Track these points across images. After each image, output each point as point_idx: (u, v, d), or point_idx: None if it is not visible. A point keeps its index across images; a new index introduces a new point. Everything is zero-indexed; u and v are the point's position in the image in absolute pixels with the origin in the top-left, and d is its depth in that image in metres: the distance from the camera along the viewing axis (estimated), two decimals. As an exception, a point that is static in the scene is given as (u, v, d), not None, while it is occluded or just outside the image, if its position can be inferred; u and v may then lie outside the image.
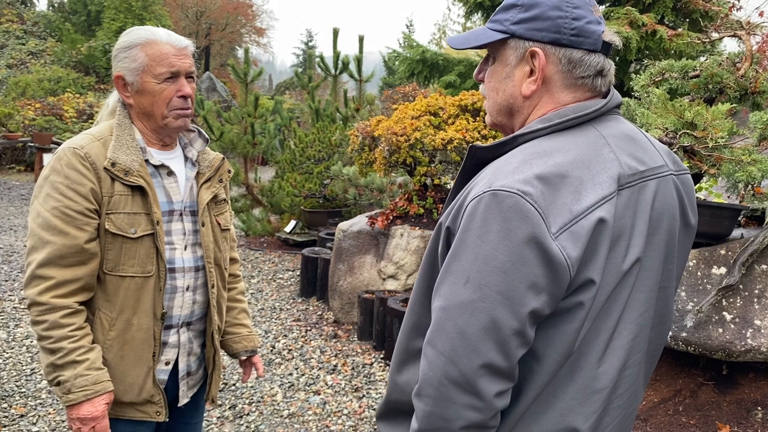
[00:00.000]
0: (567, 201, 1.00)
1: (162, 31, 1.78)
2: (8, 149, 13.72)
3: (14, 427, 3.31)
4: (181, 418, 1.98)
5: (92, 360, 1.67)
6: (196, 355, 1.93)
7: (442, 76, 9.80)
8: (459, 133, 4.84)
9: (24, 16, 21.90)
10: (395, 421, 1.22)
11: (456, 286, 1.02)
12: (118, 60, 1.77)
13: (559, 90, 1.14)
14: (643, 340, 1.15)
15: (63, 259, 1.64)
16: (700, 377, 3.28)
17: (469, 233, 1.02)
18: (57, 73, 18.22)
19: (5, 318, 4.89)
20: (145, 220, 1.73)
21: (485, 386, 1.00)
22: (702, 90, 3.03)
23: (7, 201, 10.03)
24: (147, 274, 1.74)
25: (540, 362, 1.05)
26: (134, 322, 1.74)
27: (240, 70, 8.64)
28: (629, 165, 1.09)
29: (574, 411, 1.07)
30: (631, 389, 1.15)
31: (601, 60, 1.13)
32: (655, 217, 1.11)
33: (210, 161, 1.93)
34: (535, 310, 0.99)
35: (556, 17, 1.10)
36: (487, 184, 1.03)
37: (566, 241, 0.99)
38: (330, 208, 7.65)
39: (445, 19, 58.47)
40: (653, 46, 6.96)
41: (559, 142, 1.08)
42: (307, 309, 5.50)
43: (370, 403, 3.75)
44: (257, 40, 31.73)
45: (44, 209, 1.66)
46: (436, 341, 1.02)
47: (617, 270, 1.05)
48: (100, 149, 1.71)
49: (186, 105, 1.78)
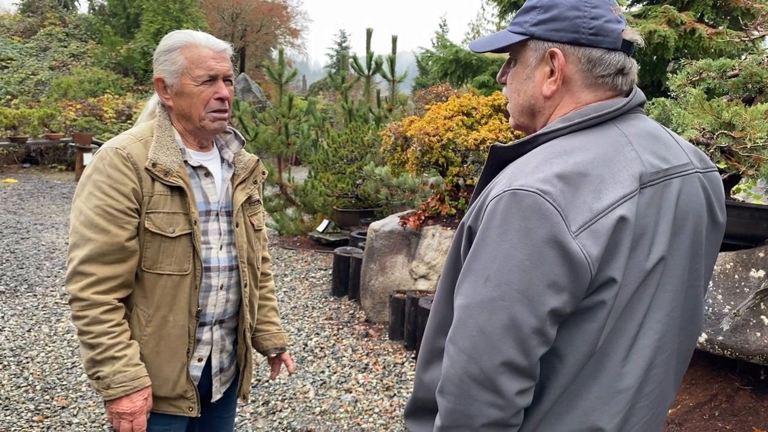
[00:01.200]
0: (587, 199, 1.01)
1: (201, 35, 1.82)
2: (50, 149, 14.10)
3: (56, 419, 3.42)
4: (214, 413, 2.02)
5: (130, 356, 1.71)
6: (229, 352, 1.97)
7: (475, 75, 9.76)
8: (492, 133, 4.82)
9: (66, 19, 22.48)
10: (422, 419, 1.23)
11: (476, 284, 1.03)
12: (159, 63, 1.82)
13: (580, 89, 1.14)
14: (671, 340, 1.14)
15: (104, 256, 1.68)
16: (737, 382, 3.22)
17: (489, 232, 1.03)
18: (97, 74, 18.66)
19: (47, 313, 5.05)
20: (183, 219, 1.77)
21: (506, 384, 1.00)
22: (741, 89, 2.98)
23: (49, 199, 10.32)
24: (184, 273, 1.78)
25: (563, 361, 1.06)
26: (170, 319, 1.78)
27: (275, 71, 8.74)
28: (652, 163, 1.09)
29: (599, 410, 1.07)
30: (658, 389, 1.14)
31: (621, 58, 1.13)
32: (680, 215, 1.10)
33: (245, 163, 1.97)
34: (555, 309, 1.00)
35: (575, 17, 1.11)
36: (507, 183, 1.04)
37: (586, 240, 0.99)
38: (362, 207, 7.69)
39: (479, 19, 58.12)
40: (692, 44, 6.82)
41: (580, 141, 1.08)
42: (339, 308, 5.55)
43: (401, 402, 3.77)
44: (291, 41, 32.02)
45: (87, 207, 1.70)
46: (458, 339, 1.04)
47: (640, 269, 1.05)
48: (141, 150, 1.75)
49: (223, 107, 1.81)
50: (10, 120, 13.54)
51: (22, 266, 6.30)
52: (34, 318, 4.91)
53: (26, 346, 4.36)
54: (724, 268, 3.08)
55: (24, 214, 8.92)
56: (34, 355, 4.22)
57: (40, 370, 3.99)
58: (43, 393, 3.70)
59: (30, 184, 11.78)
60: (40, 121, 13.88)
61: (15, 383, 3.80)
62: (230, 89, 1.83)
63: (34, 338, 4.51)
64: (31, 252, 6.85)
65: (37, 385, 3.78)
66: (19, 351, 4.28)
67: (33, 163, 14.09)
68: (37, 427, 3.33)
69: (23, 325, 4.75)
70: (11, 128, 13.58)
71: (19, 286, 5.69)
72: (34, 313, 5.03)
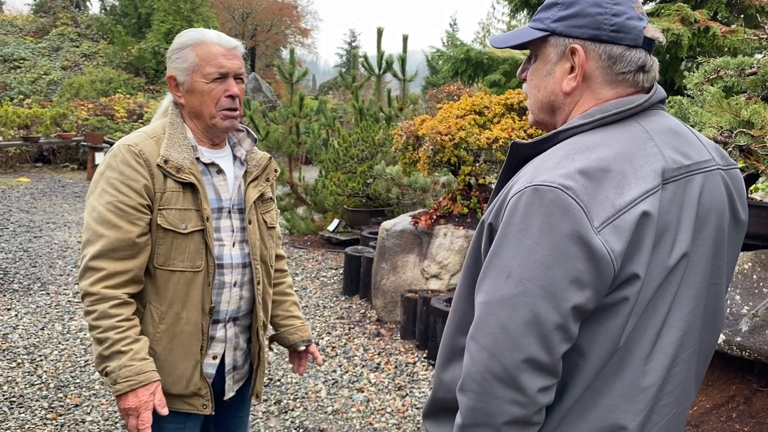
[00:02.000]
0: (609, 195, 1.00)
1: (212, 33, 1.82)
2: (62, 148, 14.19)
3: (69, 416, 3.43)
4: (229, 411, 2.02)
5: (136, 350, 1.70)
6: (243, 350, 1.97)
7: (486, 75, 9.73)
8: (504, 132, 4.80)
9: (78, 19, 22.63)
10: (441, 419, 1.22)
11: (498, 281, 1.02)
12: (171, 61, 1.82)
13: (600, 86, 1.13)
14: (693, 338, 1.13)
15: (115, 252, 1.69)
16: (754, 383, 3.18)
17: (510, 228, 1.02)
18: (108, 74, 18.77)
19: (60, 311, 5.07)
20: (195, 216, 1.77)
21: (528, 381, 0.99)
22: (759, 88, 2.94)
23: (62, 198, 10.38)
24: (196, 269, 1.78)
25: (585, 358, 1.04)
26: (183, 316, 1.78)
27: (286, 70, 8.75)
28: (674, 159, 1.08)
29: (621, 408, 1.06)
30: (680, 387, 1.13)
31: (642, 55, 1.12)
32: (702, 212, 1.09)
33: (257, 160, 1.97)
34: (578, 306, 0.99)
35: (596, 14, 1.11)
36: (528, 179, 1.04)
37: (609, 235, 0.98)
38: (373, 207, 7.69)
39: (490, 18, 58.01)
40: (706, 43, 6.77)
41: (602, 137, 1.08)
42: (350, 307, 5.54)
43: (414, 401, 3.75)
44: (302, 40, 32.08)
45: (99, 204, 1.71)
46: (479, 336, 1.03)
47: (663, 265, 1.04)
48: (153, 147, 1.76)
49: (234, 105, 1.80)
50: (22, 119, 13.64)
51: (35, 265, 6.34)
52: (47, 316, 4.94)
53: (40, 344, 4.38)
54: (742, 268, 3.04)
55: (37, 213, 8.98)
56: (48, 353, 4.24)
57: (53, 368, 4.01)
58: (57, 391, 3.71)
59: (42, 183, 11.86)
60: (53, 120, 13.98)
61: (29, 381, 3.82)
62: (241, 87, 1.83)
63: (47, 336, 4.53)
64: (44, 251, 6.89)
65: (50, 383, 3.80)
66: (32, 349, 4.30)
67: (45, 162, 14.20)
68: (51, 424, 3.34)
69: (36, 324, 4.77)
70: (24, 128, 13.69)
71: (32, 284, 5.73)
72: (47, 311, 5.06)
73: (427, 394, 3.86)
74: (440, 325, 4.26)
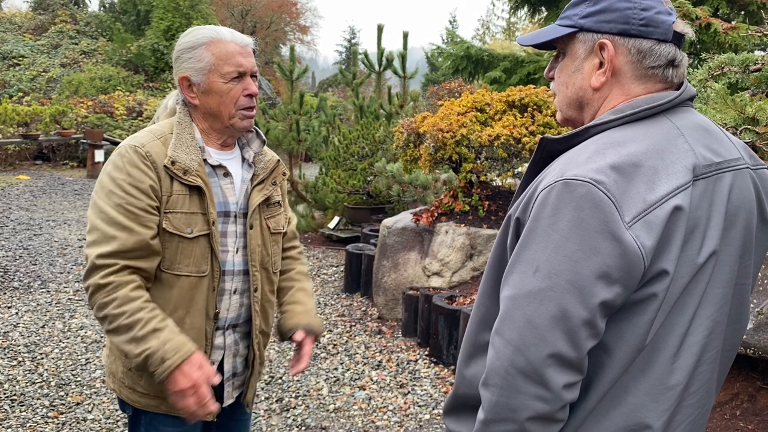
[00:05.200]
0: (641, 190, 0.99)
1: (225, 30, 1.76)
2: (62, 146, 14.17)
3: (71, 415, 3.42)
4: (231, 416, 1.98)
5: (172, 326, 1.64)
6: (243, 356, 1.92)
7: (486, 72, 9.71)
8: (506, 129, 4.79)
9: (77, 16, 22.56)
10: (463, 416, 1.20)
11: (525, 275, 1.01)
12: (182, 61, 1.75)
13: (630, 81, 1.12)
14: (718, 338, 1.11)
15: (129, 252, 1.63)
16: (758, 381, 3.17)
17: (539, 222, 1.01)
18: (108, 71, 18.72)
19: (61, 309, 5.06)
20: (201, 220, 1.72)
21: (553, 376, 0.98)
22: (764, 84, 2.93)
23: (61, 196, 10.36)
24: (201, 274, 1.73)
25: (611, 355, 1.03)
26: (187, 321, 1.73)
27: (286, 67, 8.73)
28: (704, 156, 1.07)
29: (647, 407, 1.05)
30: (704, 388, 1.12)
31: (672, 50, 1.11)
32: (732, 210, 1.08)
33: (265, 163, 1.90)
34: (606, 301, 0.98)
35: (625, 8, 1.10)
36: (558, 173, 1.02)
37: (640, 231, 0.97)
38: (373, 204, 7.67)
39: (489, 15, 57.90)
40: (707, 39, 6.75)
41: (633, 133, 1.06)
42: (351, 305, 5.53)
43: (416, 399, 3.75)
44: (301, 37, 32.02)
45: (107, 205, 1.65)
46: (504, 330, 1.02)
47: (692, 262, 1.03)
48: (160, 148, 1.70)
49: (252, 104, 1.76)
50: (22, 117, 13.61)
51: (35, 262, 6.32)
52: (47, 314, 4.92)
53: (40, 342, 4.37)
54: (745, 265, 3.03)
55: (36, 211, 8.96)
56: (49, 351, 4.22)
57: (54, 367, 4.00)
58: (58, 389, 3.70)
59: (42, 180, 11.84)
60: (52, 118, 13.94)
61: (30, 379, 3.81)
62: (256, 85, 1.78)
63: (48, 334, 4.52)
64: (44, 248, 6.88)
65: (51, 381, 3.79)
66: (33, 347, 4.29)
67: (45, 159, 14.17)
68: (52, 423, 3.33)
69: (37, 321, 4.76)
70: (23, 125, 13.66)
71: (32, 282, 5.71)
72: (48, 309, 5.04)
73: (428, 392, 3.85)
74: (442, 322, 4.25)
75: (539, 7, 9.62)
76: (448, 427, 1.24)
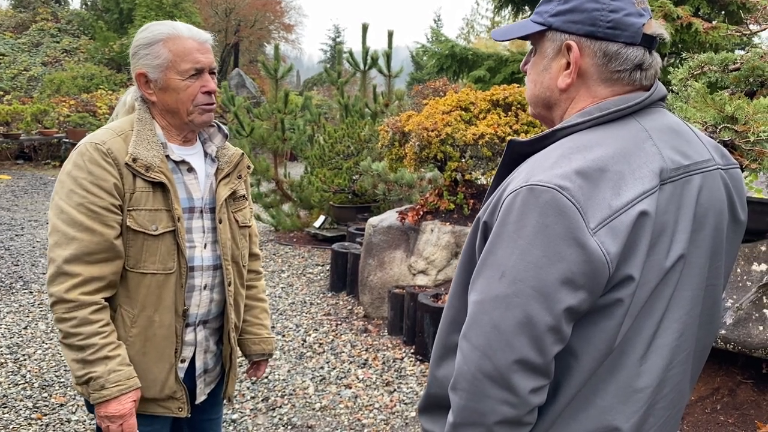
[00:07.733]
0: (606, 196, 0.99)
1: (183, 26, 1.74)
2: (44, 145, 14.01)
3: (54, 416, 3.39)
4: (202, 415, 1.98)
5: (123, 356, 1.67)
6: (213, 352, 1.93)
7: (471, 71, 9.73)
8: (490, 128, 4.81)
9: (58, 14, 22.31)
10: (435, 414, 1.22)
11: (491, 280, 1.01)
12: (139, 57, 1.73)
13: (596, 83, 1.12)
14: (689, 339, 1.12)
15: (90, 255, 1.62)
16: (738, 375, 3.22)
17: (505, 228, 1.01)
18: (90, 70, 18.54)
19: (44, 310, 5.01)
20: (166, 216, 1.71)
21: (519, 382, 0.99)
22: (743, 83, 2.97)
23: (44, 196, 10.25)
24: (168, 271, 1.72)
25: (578, 359, 1.04)
26: (156, 319, 1.73)
27: (270, 66, 8.70)
28: (672, 159, 1.07)
29: (615, 409, 1.06)
30: (676, 389, 1.13)
31: (640, 53, 1.10)
32: (701, 212, 1.08)
33: (229, 157, 1.90)
34: (571, 307, 0.98)
35: (593, 9, 1.09)
36: (524, 178, 1.02)
37: (605, 237, 0.97)
38: (359, 203, 7.67)
39: (474, 14, 58.04)
40: (688, 39, 6.83)
41: (600, 136, 1.06)
42: (337, 303, 5.53)
43: (401, 397, 3.76)
44: (285, 36, 31.88)
45: (68, 205, 1.64)
46: (471, 335, 1.02)
47: (659, 267, 1.03)
48: (121, 145, 1.68)
49: (211, 101, 1.76)
50: (2, 116, 13.45)
51: (17, 263, 6.26)
52: (30, 315, 4.88)
53: (23, 344, 4.33)
54: (725, 262, 3.08)
55: (18, 211, 8.86)
56: (31, 353, 4.19)
57: (37, 368, 3.96)
58: (41, 390, 3.67)
59: (24, 180, 11.71)
60: (33, 117, 13.79)
61: (12, 381, 3.77)
62: (215, 81, 1.77)
63: (30, 335, 4.48)
64: (26, 249, 6.81)
65: (34, 383, 3.76)
66: (15, 348, 4.25)
67: (26, 159, 14.01)
68: (36, 424, 3.30)
69: (19, 323, 4.71)
70: (4, 124, 13.50)
71: (14, 283, 5.65)
72: (30, 310, 5.00)
73: (414, 390, 3.87)
74: (427, 320, 4.26)
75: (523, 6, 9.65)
76: (423, 426, 1.25)
